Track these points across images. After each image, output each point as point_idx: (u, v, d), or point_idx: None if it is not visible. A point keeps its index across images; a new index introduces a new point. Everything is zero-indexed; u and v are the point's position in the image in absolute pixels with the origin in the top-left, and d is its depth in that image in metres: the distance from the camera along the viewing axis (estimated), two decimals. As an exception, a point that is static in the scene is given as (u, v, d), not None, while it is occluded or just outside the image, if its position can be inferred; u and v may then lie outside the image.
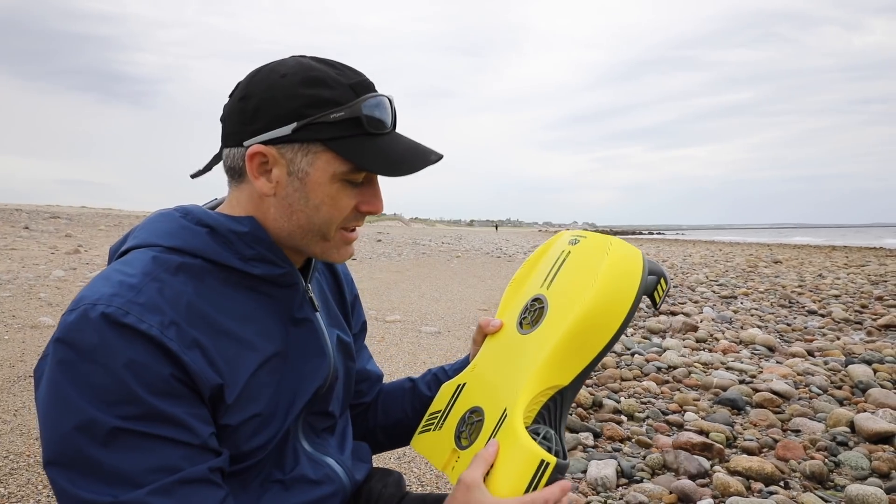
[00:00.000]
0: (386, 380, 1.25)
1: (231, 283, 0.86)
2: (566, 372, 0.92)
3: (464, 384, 1.04)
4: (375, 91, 0.88)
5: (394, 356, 4.62)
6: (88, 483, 0.70)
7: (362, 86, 0.86)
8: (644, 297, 0.96)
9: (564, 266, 1.01)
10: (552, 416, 0.92)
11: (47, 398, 0.73)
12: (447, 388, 1.06)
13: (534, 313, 0.99)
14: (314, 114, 0.82)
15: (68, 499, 0.71)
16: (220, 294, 0.84)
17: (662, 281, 0.98)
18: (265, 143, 0.84)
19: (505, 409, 0.91)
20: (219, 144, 0.91)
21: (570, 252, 1.02)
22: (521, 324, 1.00)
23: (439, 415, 1.04)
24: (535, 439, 0.86)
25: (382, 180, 0.93)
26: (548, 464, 0.82)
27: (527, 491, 0.82)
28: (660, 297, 0.98)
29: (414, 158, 0.88)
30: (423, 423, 1.08)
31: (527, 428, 0.88)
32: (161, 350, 0.74)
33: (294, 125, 0.83)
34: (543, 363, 0.91)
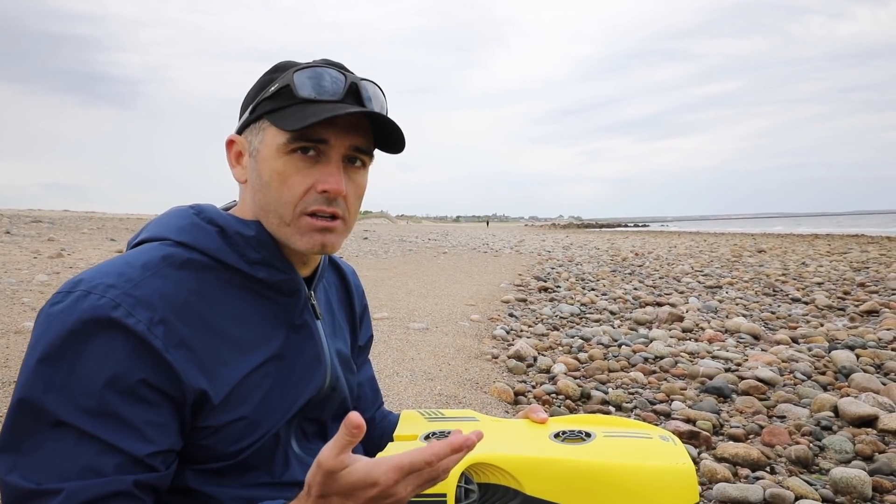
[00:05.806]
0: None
1: (235, 284, 0.86)
2: (542, 485, 0.89)
3: (476, 419, 1.05)
4: (345, 72, 0.87)
5: (382, 353, 4.61)
6: (20, 468, 0.70)
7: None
8: None
9: (636, 438, 0.99)
10: (495, 498, 0.90)
11: (20, 373, 0.74)
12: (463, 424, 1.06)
13: (574, 437, 0.98)
14: (263, 94, 0.86)
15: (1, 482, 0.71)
16: (222, 294, 0.84)
17: None
18: (238, 133, 0.90)
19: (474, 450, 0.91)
20: (204, 143, 0.94)
21: (651, 437, 1.01)
22: (556, 434, 0.99)
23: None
24: (459, 485, 0.85)
25: (370, 175, 0.92)
26: (445, 498, 0.80)
27: None
28: None
29: (334, 110, 0.82)
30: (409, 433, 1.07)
31: (469, 480, 0.87)
32: (143, 348, 0.74)
33: (250, 108, 0.87)
34: (539, 458, 0.90)
